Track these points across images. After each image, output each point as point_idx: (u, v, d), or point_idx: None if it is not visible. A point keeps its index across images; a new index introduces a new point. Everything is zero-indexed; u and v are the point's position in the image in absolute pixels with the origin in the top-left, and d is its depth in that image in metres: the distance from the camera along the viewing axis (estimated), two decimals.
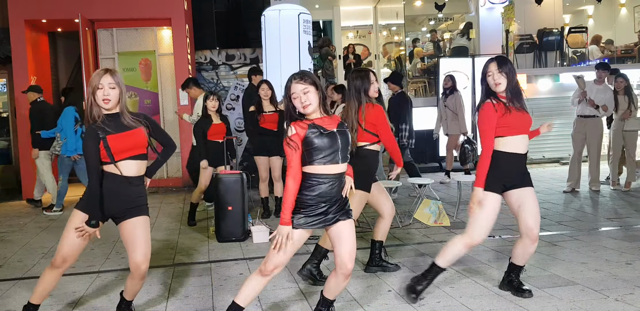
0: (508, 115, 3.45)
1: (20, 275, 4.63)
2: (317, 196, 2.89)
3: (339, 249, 2.99)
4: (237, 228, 5.47)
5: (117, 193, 3.15)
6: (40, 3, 8.86)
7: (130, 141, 3.15)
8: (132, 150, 3.16)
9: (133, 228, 3.19)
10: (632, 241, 4.91)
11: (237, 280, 4.25)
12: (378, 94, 4.16)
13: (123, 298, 3.46)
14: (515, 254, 3.67)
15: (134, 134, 3.17)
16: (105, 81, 3.11)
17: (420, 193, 6.35)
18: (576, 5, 14.11)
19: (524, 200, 3.52)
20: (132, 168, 3.17)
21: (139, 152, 3.19)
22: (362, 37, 15.63)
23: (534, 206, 3.53)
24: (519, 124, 3.48)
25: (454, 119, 8.60)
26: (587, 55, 11.71)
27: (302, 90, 2.90)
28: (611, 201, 6.86)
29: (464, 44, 11.27)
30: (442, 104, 8.76)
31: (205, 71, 11.39)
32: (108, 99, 3.11)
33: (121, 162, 3.13)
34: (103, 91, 3.10)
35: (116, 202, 3.17)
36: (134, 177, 3.18)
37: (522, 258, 3.65)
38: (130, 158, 3.15)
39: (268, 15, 7.10)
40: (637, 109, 7.55)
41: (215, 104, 6.12)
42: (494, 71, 3.49)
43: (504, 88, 3.48)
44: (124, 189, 3.16)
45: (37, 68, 9.39)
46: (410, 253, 4.82)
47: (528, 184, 3.56)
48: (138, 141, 3.18)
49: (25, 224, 6.80)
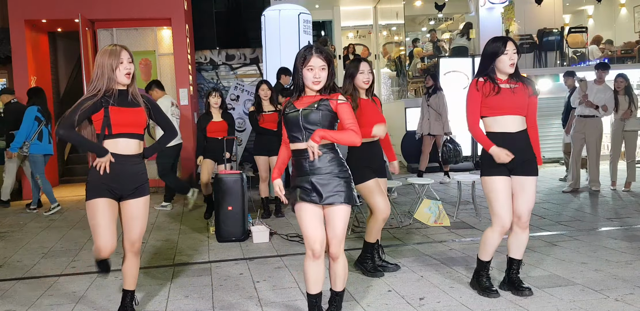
0: (494, 96, 3.45)
1: (20, 274, 4.63)
2: (297, 172, 3.08)
3: (327, 232, 3.06)
4: (237, 228, 5.47)
5: (121, 172, 3.20)
6: (40, 3, 8.87)
7: (131, 117, 3.19)
8: (130, 127, 3.20)
9: (136, 209, 3.28)
10: (631, 241, 4.91)
11: (237, 280, 4.25)
12: (369, 85, 4.06)
13: (125, 292, 3.47)
14: (510, 247, 3.70)
15: (136, 112, 3.23)
16: (125, 56, 3.17)
17: (420, 193, 6.35)
18: (576, 5, 14.11)
19: (521, 188, 3.54)
20: (129, 146, 3.22)
21: (136, 131, 3.24)
22: (362, 37, 15.63)
23: (530, 195, 3.55)
24: (507, 105, 3.45)
25: (437, 119, 8.54)
26: (587, 55, 11.71)
27: (320, 66, 2.98)
28: (611, 201, 6.86)
29: (463, 44, 11.27)
30: (425, 103, 8.71)
31: (205, 71, 11.39)
32: (130, 73, 3.18)
33: (118, 139, 3.18)
34: (124, 65, 3.16)
35: (123, 181, 3.21)
36: (131, 155, 3.23)
37: (517, 249, 3.67)
38: (127, 136, 3.20)
39: (268, 15, 7.11)
40: (637, 108, 7.56)
41: (218, 100, 6.16)
42: (510, 50, 3.45)
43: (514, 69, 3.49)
44: (127, 167, 3.22)
45: (37, 68, 9.39)
46: (410, 253, 4.82)
47: (531, 173, 3.55)
48: (138, 120, 3.22)
49: (25, 224, 6.80)
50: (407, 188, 7.81)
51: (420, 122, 8.83)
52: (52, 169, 9.86)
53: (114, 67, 3.14)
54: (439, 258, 4.59)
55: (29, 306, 3.85)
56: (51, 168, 9.76)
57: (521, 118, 3.53)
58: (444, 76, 10.08)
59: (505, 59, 3.46)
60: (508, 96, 3.47)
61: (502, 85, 3.50)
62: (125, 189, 3.25)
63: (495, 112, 3.49)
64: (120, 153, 3.20)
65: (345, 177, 3.05)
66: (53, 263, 4.96)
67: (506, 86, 3.51)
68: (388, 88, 14.40)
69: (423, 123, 8.72)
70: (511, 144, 3.47)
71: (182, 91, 9.32)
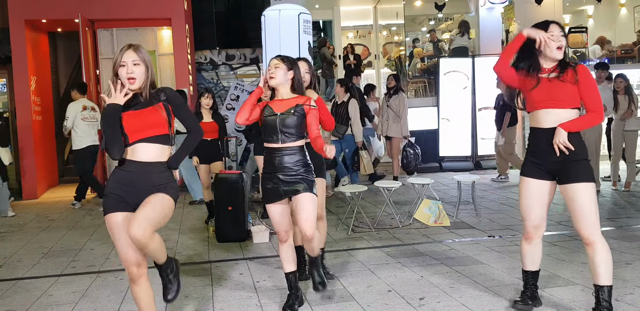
0: (534, 90, 3.12)
1: (21, 275, 4.63)
2: (266, 168, 3.45)
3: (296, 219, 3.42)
4: (237, 228, 5.47)
5: (137, 182, 2.80)
6: (40, 3, 8.86)
7: (143, 119, 2.79)
8: (146, 130, 2.79)
9: (144, 203, 2.80)
10: (631, 241, 4.91)
11: (237, 280, 4.25)
12: (309, 82, 3.92)
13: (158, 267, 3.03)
14: (594, 270, 3.13)
15: (150, 111, 2.81)
16: (128, 57, 2.79)
17: (420, 193, 6.34)
18: (576, 5, 14.10)
19: (572, 200, 3.12)
20: (148, 152, 2.80)
21: (155, 133, 2.80)
22: (362, 37, 15.62)
23: (582, 207, 3.06)
24: (544, 97, 3.11)
25: (395, 121, 8.46)
26: (587, 55, 11.71)
27: (274, 64, 3.43)
28: (611, 201, 6.86)
29: (464, 44, 11.26)
30: (385, 104, 8.64)
31: (205, 71, 11.39)
32: (133, 77, 2.78)
33: (136, 145, 2.79)
34: (126, 68, 2.79)
35: (137, 192, 2.80)
36: (152, 162, 2.81)
37: (595, 270, 3.12)
38: (145, 140, 2.79)
39: (268, 15, 7.09)
40: (637, 108, 7.56)
41: (210, 102, 6.14)
42: (557, 33, 3.10)
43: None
44: (144, 177, 2.80)
45: (37, 68, 9.39)
46: (409, 253, 4.82)
47: (576, 180, 3.07)
48: (154, 120, 2.80)
49: (25, 224, 6.80)
50: (407, 188, 7.81)
51: (380, 122, 8.80)
52: (52, 169, 9.86)
53: (116, 69, 2.81)
54: (439, 258, 4.59)
55: (28, 306, 3.85)
56: (50, 168, 9.77)
57: (558, 112, 3.11)
58: (444, 76, 10.08)
59: (552, 44, 3.09)
60: (546, 88, 3.10)
61: (554, 75, 3.13)
62: (138, 203, 2.79)
63: (535, 106, 3.14)
64: (137, 160, 2.81)
65: (310, 180, 3.40)
66: (53, 263, 4.96)
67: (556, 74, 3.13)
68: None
69: (383, 124, 8.68)
70: (544, 141, 3.13)
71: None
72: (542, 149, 3.17)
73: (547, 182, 3.23)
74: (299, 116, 3.37)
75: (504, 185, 8.21)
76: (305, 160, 3.42)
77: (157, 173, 2.84)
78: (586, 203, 3.06)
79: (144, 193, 2.80)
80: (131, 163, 2.82)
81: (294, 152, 3.38)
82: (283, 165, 3.36)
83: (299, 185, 3.35)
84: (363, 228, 5.78)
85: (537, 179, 3.24)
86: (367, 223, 5.87)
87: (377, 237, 5.42)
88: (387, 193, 5.93)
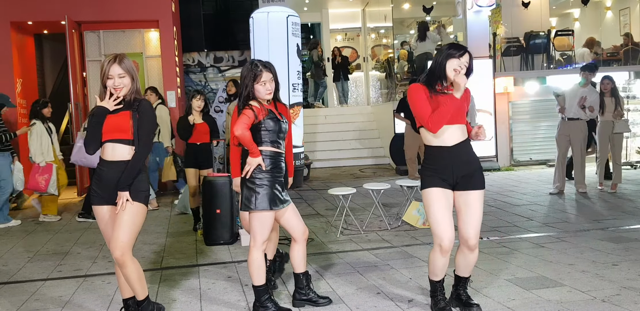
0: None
1: (6, 279, 4.58)
2: (273, 171, 3.49)
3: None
4: (226, 231, 5.44)
5: (107, 179, 3.15)
6: (26, 4, 8.80)
7: (113, 122, 3.16)
8: (112, 132, 3.15)
9: (114, 213, 3.19)
10: (618, 242, 4.95)
11: (225, 283, 4.23)
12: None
13: (125, 301, 3.37)
14: (458, 265, 3.44)
15: (119, 116, 3.17)
16: (114, 71, 3.14)
17: (408, 195, 6.36)
18: (563, 8, 14.24)
19: (465, 206, 3.29)
20: (110, 152, 3.17)
21: (118, 137, 3.16)
22: (351, 39, 15.67)
23: (475, 213, 3.27)
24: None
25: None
26: (573, 58, 11.81)
27: (270, 78, 3.38)
28: (597, 202, 6.92)
29: (426, 50, 10.85)
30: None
31: (193, 73, 11.37)
32: (120, 87, 3.16)
33: (106, 144, 3.18)
34: (113, 81, 3.15)
35: (106, 187, 3.17)
36: (113, 161, 3.16)
37: (465, 268, 3.42)
38: (110, 141, 3.17)
39: (256, 17, 7.08)
40: (623, 110, 7.65)
41: (201, 104, 6.05)
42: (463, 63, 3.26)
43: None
44: (111, 174, 3.14)
45: (23, 70, 9.31)
46: (398, 255, 4.82)
47: (474, 187, 3.28)
48: (119, 124, 3.15)
49: (11, 228, 6.73)
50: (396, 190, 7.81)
51: None
52: None
53: (104, 82, 3.16)
54: (427, 260, 4.58)
55: (14, 310, 3.80)
56: None
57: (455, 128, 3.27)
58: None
59: (452, 68, 3.27)
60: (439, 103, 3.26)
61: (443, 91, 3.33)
62: (113, 197, 3.17)
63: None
64: (106, 159, 3.18)
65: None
66: (39, 267, 4.91)
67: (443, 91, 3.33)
68: (377, 91, 14.45)
69: None
70: (448, 159, 3.27)
71: (170, 94, 9.28)
72: (448, 168, 3.31)
73: (450, 191, 3.35)
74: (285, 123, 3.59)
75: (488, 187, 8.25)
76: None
77: (120, 171, 3.15)
78: (477, 208, 3.31)
79: (112, 189, 3.15)
80: (102, 161, 3.21)
81: (281, 158, 3.57)
82: (284, 169, 3.59)
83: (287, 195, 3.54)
84: (352, 230, 5.78)
85: (443, 189, 3.32)
86: (356, 225, 5.87)
87: (366, 239, 5.42)
88: (375, 195, 5.94)
